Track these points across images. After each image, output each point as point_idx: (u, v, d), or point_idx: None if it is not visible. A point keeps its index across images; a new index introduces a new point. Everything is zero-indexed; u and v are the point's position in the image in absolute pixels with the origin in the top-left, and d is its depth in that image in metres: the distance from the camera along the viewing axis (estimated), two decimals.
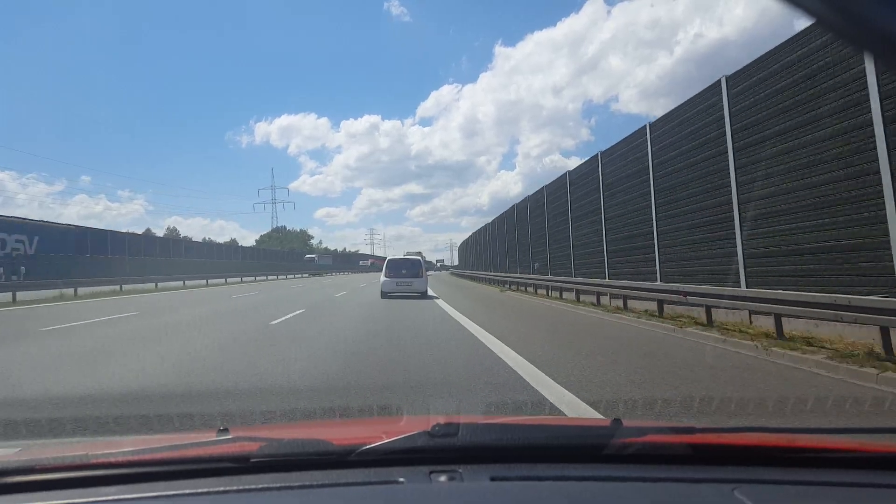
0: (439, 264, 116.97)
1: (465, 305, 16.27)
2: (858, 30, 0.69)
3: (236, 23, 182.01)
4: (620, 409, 4.57)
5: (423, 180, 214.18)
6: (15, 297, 20.84)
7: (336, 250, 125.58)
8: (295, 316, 12.94)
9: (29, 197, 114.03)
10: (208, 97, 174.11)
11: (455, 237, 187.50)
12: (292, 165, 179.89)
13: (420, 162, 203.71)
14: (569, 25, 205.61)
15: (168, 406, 4.75)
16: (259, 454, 1.30)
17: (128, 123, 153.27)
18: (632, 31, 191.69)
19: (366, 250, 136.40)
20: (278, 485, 1.22)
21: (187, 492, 1.20)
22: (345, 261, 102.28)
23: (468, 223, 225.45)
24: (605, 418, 3.94)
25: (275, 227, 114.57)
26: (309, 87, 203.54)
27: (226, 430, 1.47)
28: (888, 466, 1.33)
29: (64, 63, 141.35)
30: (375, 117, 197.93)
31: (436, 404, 4.81)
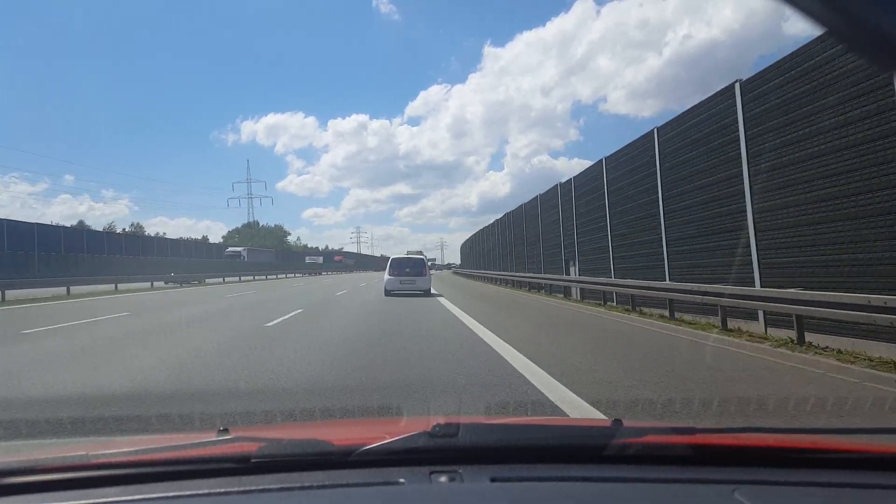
0: (430, 263, 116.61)
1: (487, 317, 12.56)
2: (858, 31, 0.69)
3: (222, 20, 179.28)
4: None
5: (412, 180, 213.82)
6: (4, 295, 20.20)
7: (307, 246, 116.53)
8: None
9: (11, 196, 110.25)
10: (194, 95, 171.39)
11: (446, 237, 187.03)
12: (279, 164, 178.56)
13: (408, 162, 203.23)
14: (558, 25, 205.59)
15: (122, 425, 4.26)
16: (259, 454, 1.30)
17: (111, 123, 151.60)
18: (621, 32, 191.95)
19: (351, 249, 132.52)
20: (278, 485, 1.22)
21: (187, 492, 1.20)
22: (285, 258, 76.09)
23: (456, 224, 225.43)
24: (605, 419, 3.94)
25: (245, 222, 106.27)
26: (296, 85, 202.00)
27: (226, 430, 1.47)
28: (889, 467, 1.33)
29: (47, 60, 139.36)
30: (363, 116, 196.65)
31: (437, 405, 4.81)
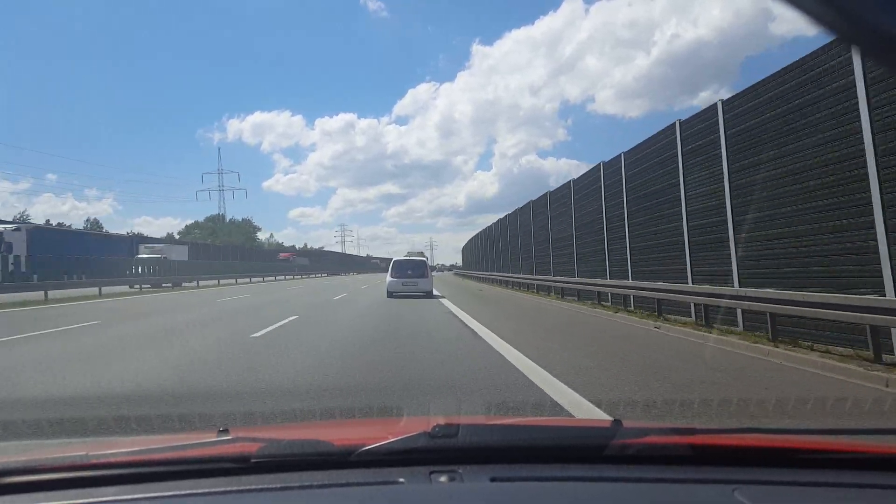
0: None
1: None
2: (857, 30, 0.69)
3: (207, 17, 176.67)
4: None
5: (399, 180, 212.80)
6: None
7: (282, 244, 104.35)
8: None
9: None
10: (179, 93, 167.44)
11: (435, 237, 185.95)
12: (266, 163, 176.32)
13: (396, 161, 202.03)
14: (547, 24, 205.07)
15: None
16: (259, 455, 1.30)
17: (95, 121, 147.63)
18: (609, 31, 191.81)
19: (336, 249, 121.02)
20: (278, 485, 1.22)
21: (187, 492, 1.20)
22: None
23: (444, 224, 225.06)
24: (606, 419, 3.94)
25: (208, 216, 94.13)
26: (283, 83, 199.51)
27: (226, 430, 1.47)
28: (889, 467, 1.33)
29: (29, 57, 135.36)
30: (351, 115, 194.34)
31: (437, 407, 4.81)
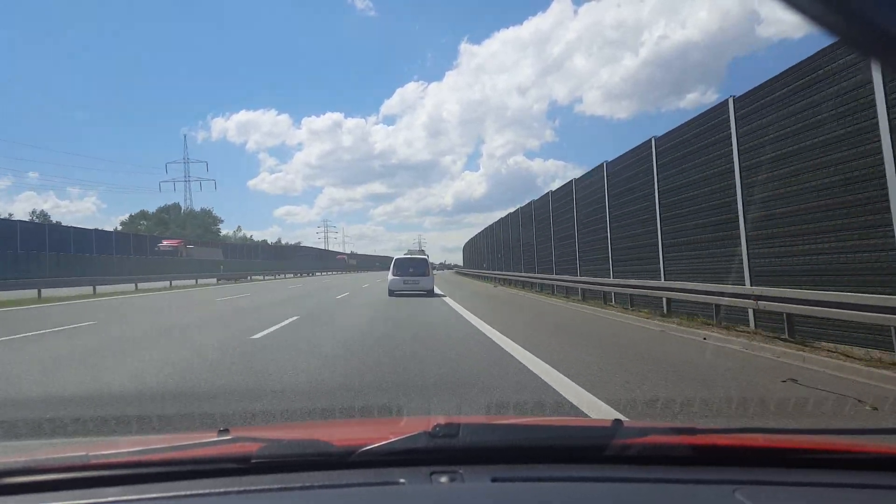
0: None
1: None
2: (860, 32, 0.68)
3: (190, 14, 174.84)
4: None
5: (387, 179, 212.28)
6: None
7: (248, 237, 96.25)
8: None
9: None
10: (163, 92, 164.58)
11: (424, 236, 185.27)
12: (251, 162, 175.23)
13: (384, 161, 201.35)
14: (535, 24, 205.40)
15: None
16: (259, 455, 1.30)
17: (78, 119, 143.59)
18: (598, 32, 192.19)
19: (319, 247, 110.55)
20: (278, 485, 1.22)
21: (187, 493, 1.20)
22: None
23: (431, 223, 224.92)
24: (606, 419, 3.94)
25: (161, 207, 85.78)
26: (269, 82, 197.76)
27: (226, 430, 1.47)
28: (889, 467, 1.33)
29: (9, 54, 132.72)
30: (338, 115, 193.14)
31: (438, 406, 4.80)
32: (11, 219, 43.76)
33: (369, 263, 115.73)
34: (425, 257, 23.12)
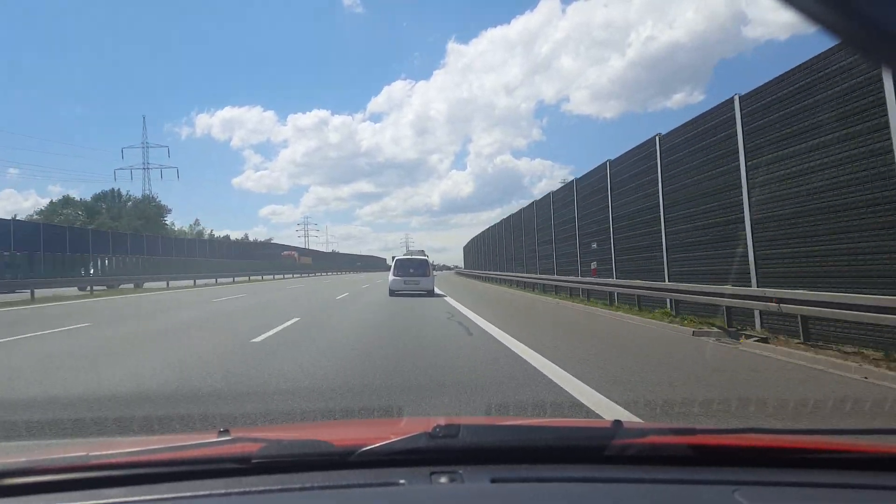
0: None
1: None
2: (862, 33, 0.68)
3: (173, 8, 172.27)
4: None
5: (374, 178, 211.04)
6: None
7: (207, 234, 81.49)
8: None
9: None
10: (146, 87, 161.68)
11: (411, 236, 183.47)
12: (236, 159, 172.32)
13: (370, 159, 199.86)
14: (523, 23, 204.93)
15: None
16: (259, 455, 1.30)
17: (60, 115, 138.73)
18: (586, 32, 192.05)
19: (299, 245, 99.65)
20: (279, 486, 1.22)
21: (188, 493, 1.20)
22: None
23: (418, 223, 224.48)
24: (606, 419, 3.94)
25: (96, 193, 72.41)
26: (254, 78, 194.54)
27: (226, 430, 1.47)
28: (889, 467, 1.33)
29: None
30: (325, 112, 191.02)
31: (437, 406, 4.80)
32: None
33: (347, 264, 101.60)
34: (426, 258, 23.18)
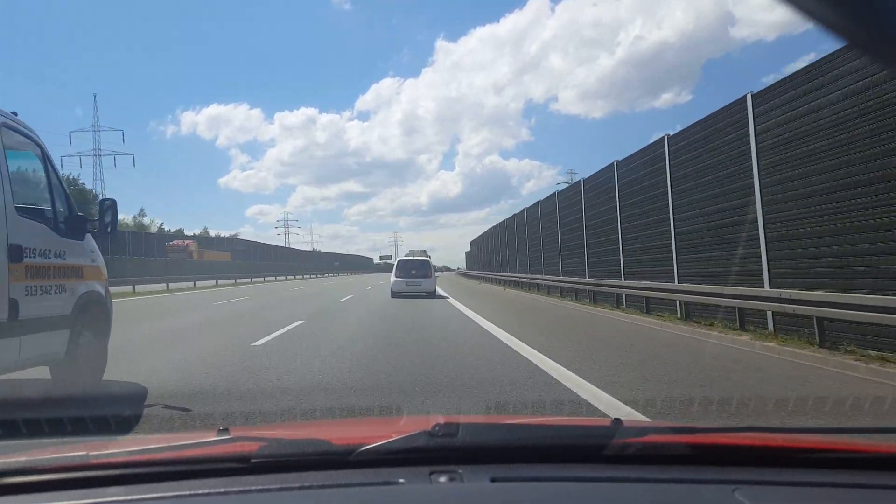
0: (383, 262, 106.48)
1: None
2: (868, 35, 0.67)
3: (158, 6, 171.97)
4: None
5: (362, 178, 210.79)
6: None
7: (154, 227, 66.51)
8: None
9: None
10: (129, 84, 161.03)
11: (400, 236, 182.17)
12: (222, 158, 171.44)
13: (358, 158, 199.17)
14: (512, 21, 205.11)
15: None
16: (259, 454, 1.30)
17: (39, 112, 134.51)
18: (575, 31, 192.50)
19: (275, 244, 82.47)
20: (278, 485, 1.22)
21: (187, 492, 1.20)
22: None
23: (406, 223, 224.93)
24: (606, 418, 3.95)
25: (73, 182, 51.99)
26: (241, 75, 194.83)
27: (226, 430, 1.47)
28: (889, 467, 1.33)
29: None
30: (312, 110, 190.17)
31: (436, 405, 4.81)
32: None
33: (325, 264, 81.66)
34: (427, 259, 23.17)
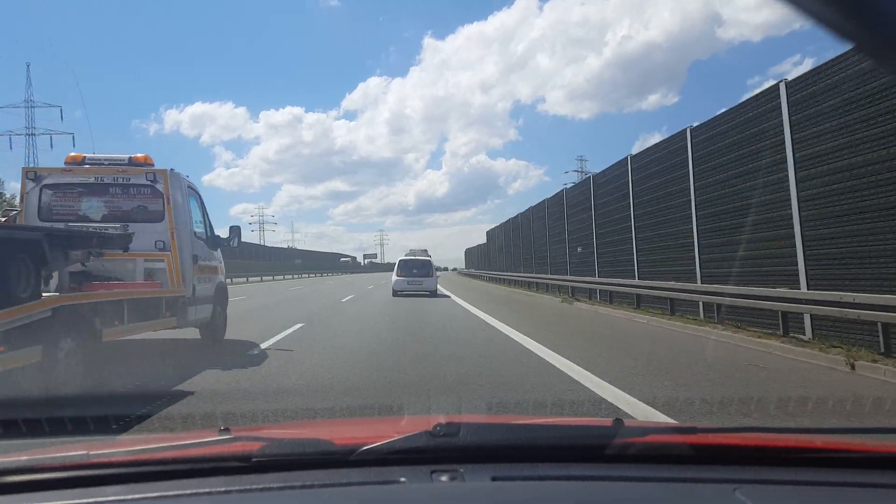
0: (368, 262, 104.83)
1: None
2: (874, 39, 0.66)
3: (142, 2, 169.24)
4: None
5: (348, 177, 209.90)
6: None
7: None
8: None
9: None
10: (110, 81, 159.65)
11: (386, 236, 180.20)
12: (206, 156, 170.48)
13: (345, 157, 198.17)
14: (500, 20, 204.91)
15: None
16: (260, 454, 1.30)
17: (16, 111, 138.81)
18: (562, 30, 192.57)
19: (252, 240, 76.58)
20: (279, 484, 1.22)
21: (188, 492, 1.20)
22: None
23: (393, 223, 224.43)
24: (607, 418, 3.95)
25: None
26: (225, 73, 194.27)
27: (227, 429, 1.47)
28: (889, 467, 1.33)
29: None
30: (298, 109, 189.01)
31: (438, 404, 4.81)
32: None
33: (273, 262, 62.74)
34: (429, 258, 23.01)
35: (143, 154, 7.83)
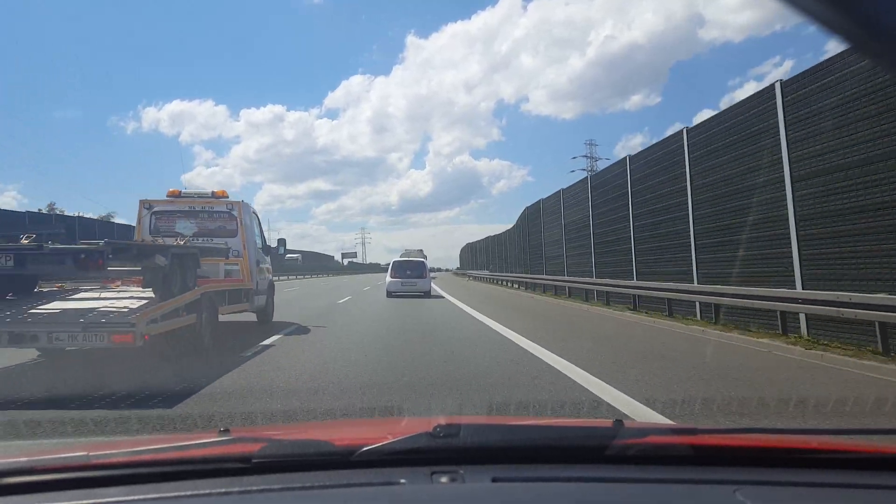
0: (347, 262, 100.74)
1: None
2: (873, 38, 0.66)
3: None
4: None
5: (331, 176, 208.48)
6: None
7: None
8: None
9: None
10: (89, 77, 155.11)
11: (369, 235, 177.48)
12: (185, 155, 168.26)
13: (327, 157, 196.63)
14: (484, 19, 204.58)
15: None
16: (260, 455, 1.29)
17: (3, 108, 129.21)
18: (545, 29, 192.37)
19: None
20: (279, 485, 1.22)
21: (188, 493, 1.20)
22: None
23: (376, 222, 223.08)
24: (607, 419, 3.95)
25: None
26: (205, 71, 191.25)
27: (227, 430, 1.47)
28: (889, 467, 1.33)
29: None
30: (279, 107, 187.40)
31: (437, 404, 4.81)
32: None
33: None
34: (423, 259, 22.88)
35: (221, 189, 10.63)
